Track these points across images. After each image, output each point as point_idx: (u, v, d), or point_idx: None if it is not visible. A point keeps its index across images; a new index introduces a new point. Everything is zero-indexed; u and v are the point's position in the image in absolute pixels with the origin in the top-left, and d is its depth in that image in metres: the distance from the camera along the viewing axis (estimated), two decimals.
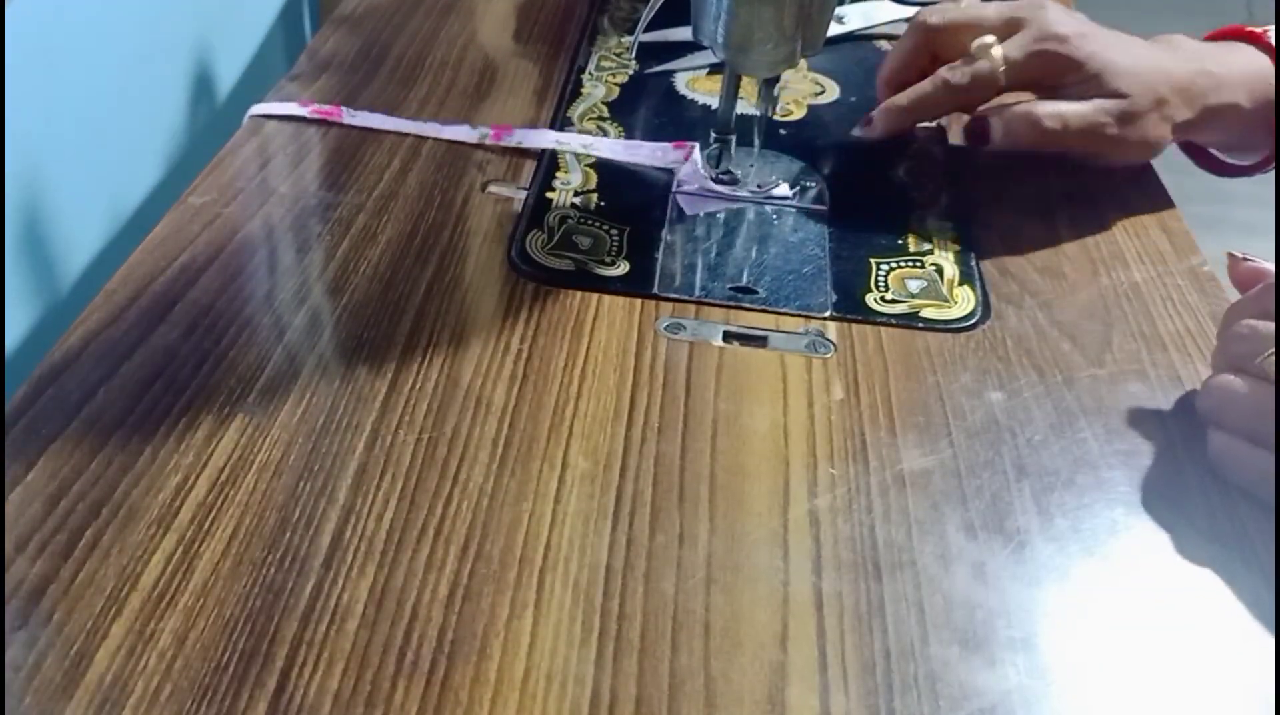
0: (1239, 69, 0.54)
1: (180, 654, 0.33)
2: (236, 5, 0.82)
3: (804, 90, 0.67)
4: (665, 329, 0.47)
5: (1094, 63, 0.54)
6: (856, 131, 0.60)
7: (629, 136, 0.61)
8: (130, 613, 0.34)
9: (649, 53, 0.69)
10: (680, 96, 0.65)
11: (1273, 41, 0.55)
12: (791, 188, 0.56)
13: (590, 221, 0.53)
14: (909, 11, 0.75)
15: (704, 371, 0.44)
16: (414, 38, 0.71)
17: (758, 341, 0.47)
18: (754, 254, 0.52)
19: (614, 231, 0.53)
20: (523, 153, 0.59)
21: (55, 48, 0.60)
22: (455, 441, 0.41)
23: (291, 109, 0.60)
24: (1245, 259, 0.45)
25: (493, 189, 0.56)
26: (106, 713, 0.31)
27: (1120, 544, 0.38)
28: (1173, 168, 0.61)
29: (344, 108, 0.59)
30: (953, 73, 0.56)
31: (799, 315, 0.48)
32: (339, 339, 0.45)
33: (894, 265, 0.51)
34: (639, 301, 0.48)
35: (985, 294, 0.50)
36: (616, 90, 0.66)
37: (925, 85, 0.57)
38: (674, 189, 0.56)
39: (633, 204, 0.55)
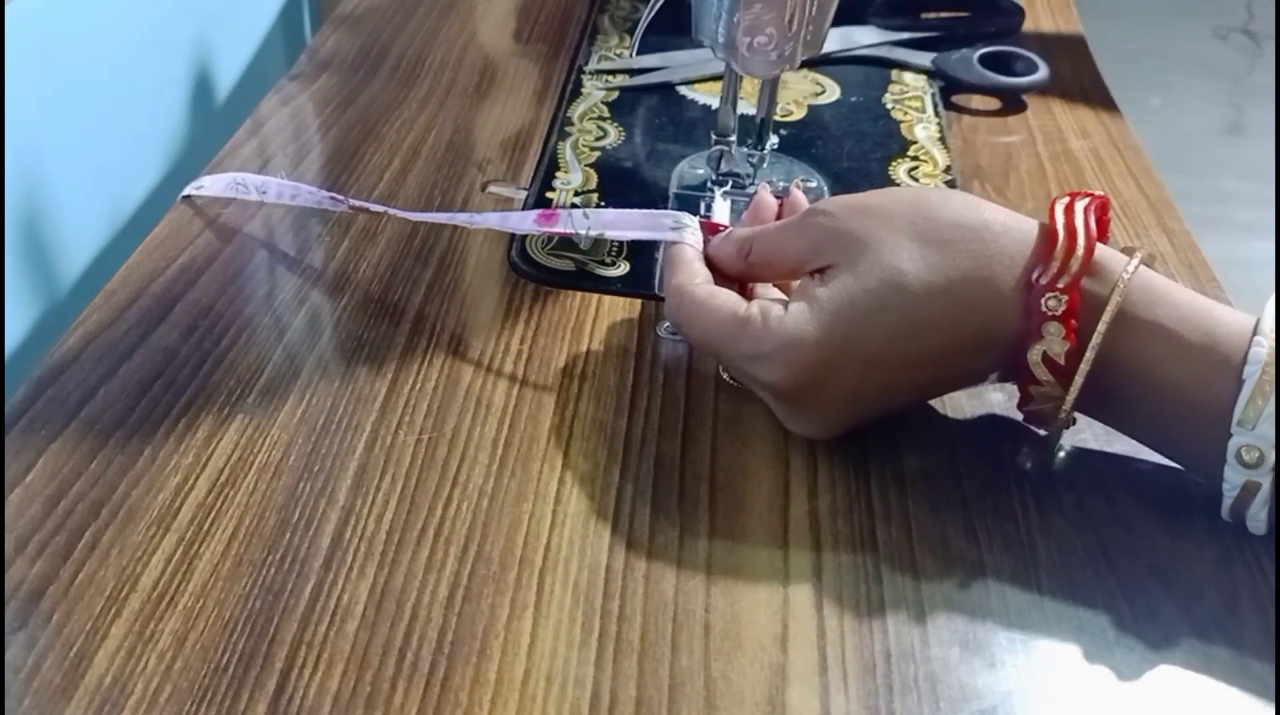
0: None
1: (180, 655, 0.33)
2: (236, 5, 0.82)
3: (804, 90, 0.67)
4: (665, 329, 0.47)
5: None
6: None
7: (629, 136, 0.61)
8: (130, 614, 0.34)
9: (649, 52, 0.69)
10: (680, 96, 0.65)
11: None
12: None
13: None
14: (892, 35, 0.72)
15: (704, 372, 0.44)
16: (414, 38, 0.71)
17: None
18: None
19: None
20: (523, 152, 0.59)
21: (55, 48, 0.60)
22: (455, 442, 0.41)
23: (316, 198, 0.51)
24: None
25: (493, 189, 0.56)
26: (106, 714, 0.31)
27: (1122, 543, 0.38)
28: (1172, 168, 0.61)
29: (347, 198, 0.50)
30: None
31: None
32: (339, 339, 0.45)
33: None
34: (639, 301, 0.48)
35: None
36: (616, 90, 0.66)
37: None
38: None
39: (633, 204, 0.55)
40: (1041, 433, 0.40)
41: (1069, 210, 0.38)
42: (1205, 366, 0.36)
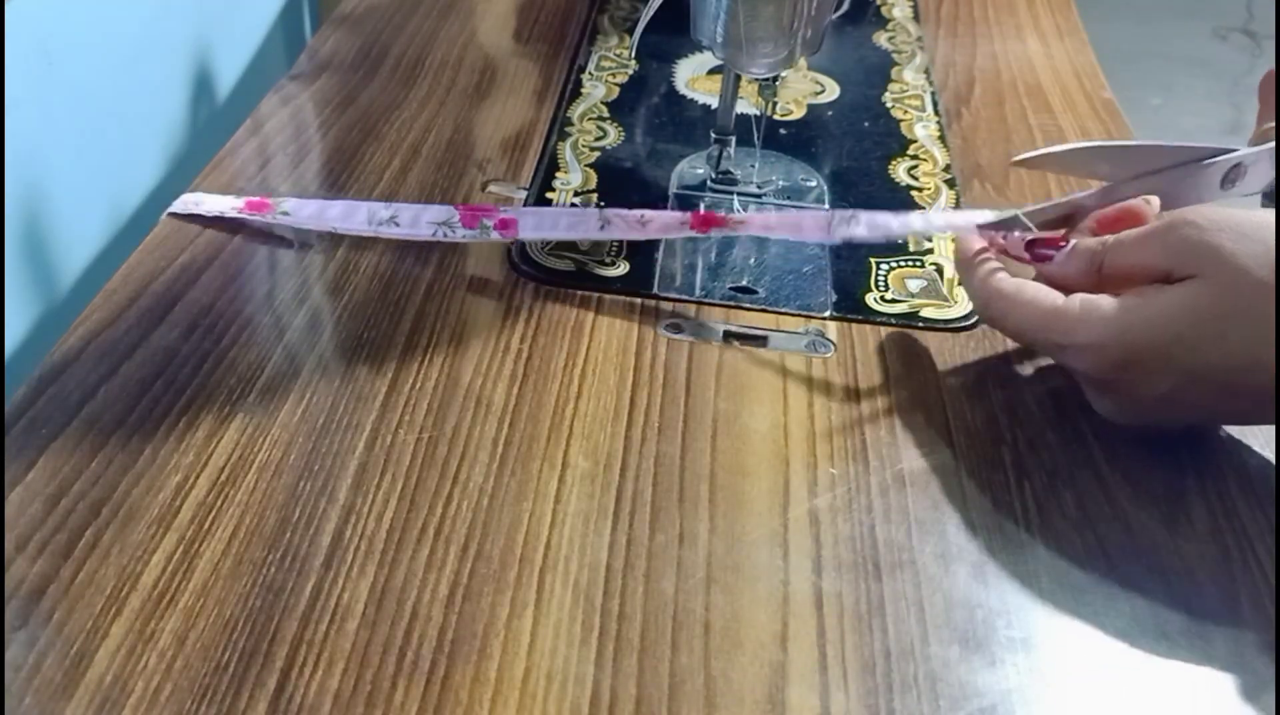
0: None
1: (180, 654, 0.33)
2: (236, 5, 0.82)
3: (804, 90, 0.67)
4: (665, 329, 0.47)
5: None
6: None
7: (629, 136, 0.61)
8: (130, 613, 0.34)
9: (649, 52, 0.69)
10: (680, 96, 0.65)
11: None
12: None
13: None
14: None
15: (704, 371, 0.44)
16: (414, 38, 0.71)
17: (758, 341, 0.47)
18: (754, 253, 0.52)
19: None
20: (523, 152, 0.59)
21: (55, 47, 0.60)
22: (455, 441, 0.41)
23: (219, 204, 0.52)
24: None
25: (493, 189, 0.56)
26: (106, 713, 0.31)
27: (1121, 543, 0.38)
28: None
29: (271, 200, 0.52)
30: None
31: (799, 315, 0.48)
32: (339, 339, 0.45)
33: (894, 265, 0.51)
34: (639, 301, 0.48)
35: None
36: (616, 90, 0.66)
37: None
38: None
39: (632, 204, 0.55)
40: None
41: None
42: None
